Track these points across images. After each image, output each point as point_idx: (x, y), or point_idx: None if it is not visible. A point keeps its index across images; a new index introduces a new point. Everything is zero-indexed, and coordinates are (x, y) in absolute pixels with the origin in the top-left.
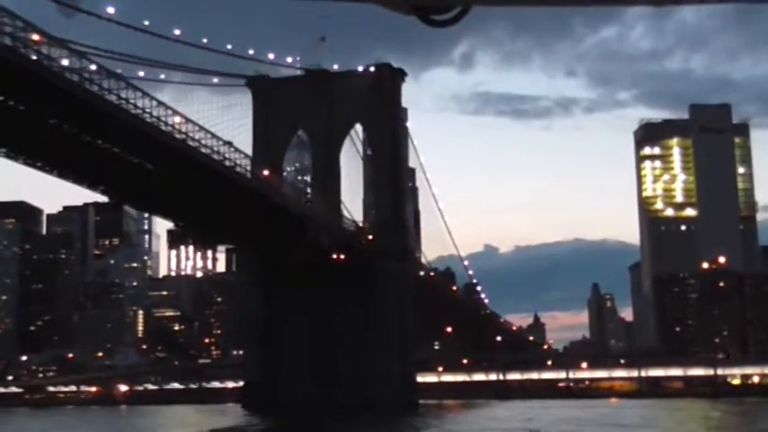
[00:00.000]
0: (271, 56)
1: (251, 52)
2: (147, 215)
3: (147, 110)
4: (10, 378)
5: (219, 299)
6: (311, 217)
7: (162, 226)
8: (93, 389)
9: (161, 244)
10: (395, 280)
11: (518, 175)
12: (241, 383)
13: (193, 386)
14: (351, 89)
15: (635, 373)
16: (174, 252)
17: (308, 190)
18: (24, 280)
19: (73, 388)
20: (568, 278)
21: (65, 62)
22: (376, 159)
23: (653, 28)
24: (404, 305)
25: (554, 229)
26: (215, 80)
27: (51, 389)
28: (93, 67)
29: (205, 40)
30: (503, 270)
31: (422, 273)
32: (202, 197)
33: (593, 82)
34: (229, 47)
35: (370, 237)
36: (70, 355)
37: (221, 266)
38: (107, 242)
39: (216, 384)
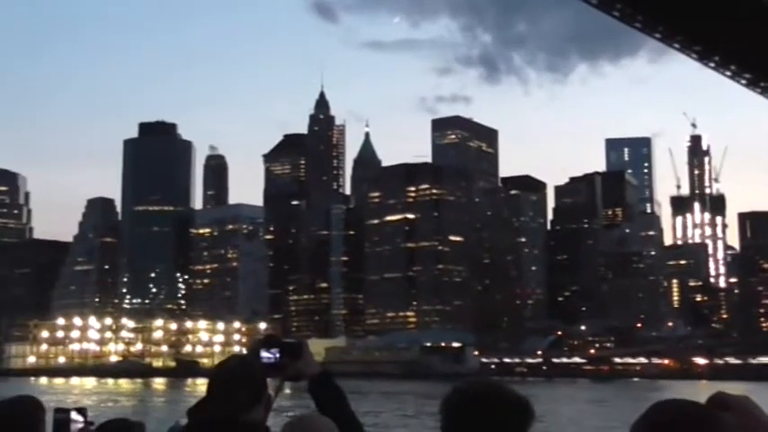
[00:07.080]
0: None
1: None
2: (646, 182)
3: None
4: (565, 349)
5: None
6: None
7: (664, 194)
8: (665, 361)
9: (662, 211)
10: None
11: None
12: None
13: None
14: None
15: None
16: (679, 219)
17: None
18: (550, 251)
19: (641, 360)
20: None
21: None
22: None
23: None
24: None
25: None
26: None
27: (618, 360)
28: None
29: None
30: None
31: None
32: None
33: None
34: None
35: None
36: (638, 325)
37: (732, 236)
38: (610, 211)
39: None
